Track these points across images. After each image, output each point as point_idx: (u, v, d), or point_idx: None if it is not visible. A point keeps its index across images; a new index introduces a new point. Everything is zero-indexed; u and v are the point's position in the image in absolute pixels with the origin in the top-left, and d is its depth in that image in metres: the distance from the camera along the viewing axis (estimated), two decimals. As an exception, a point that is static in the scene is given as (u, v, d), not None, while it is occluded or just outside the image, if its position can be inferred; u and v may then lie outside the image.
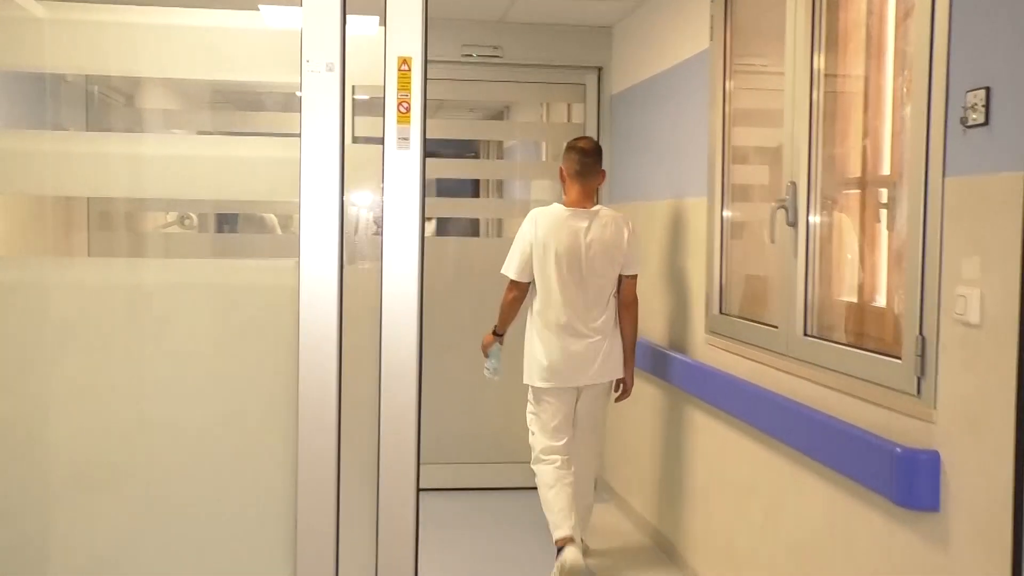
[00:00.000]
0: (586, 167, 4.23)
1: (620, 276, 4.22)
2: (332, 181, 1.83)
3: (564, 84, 5.58)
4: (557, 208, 4.22)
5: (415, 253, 1.84)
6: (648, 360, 4.67)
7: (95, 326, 1.94)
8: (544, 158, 7.45)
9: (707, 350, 4.02)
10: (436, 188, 11.78)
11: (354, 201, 1.89)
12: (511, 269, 4.22)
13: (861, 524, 2.82)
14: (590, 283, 4.15)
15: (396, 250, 1.83)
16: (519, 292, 4.23)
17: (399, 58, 1.80)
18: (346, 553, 1.90)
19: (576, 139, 4.39)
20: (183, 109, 6.91)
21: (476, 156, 10.44)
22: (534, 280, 4.21)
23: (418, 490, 1.87)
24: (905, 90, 2.80)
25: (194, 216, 6.64)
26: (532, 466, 4.30)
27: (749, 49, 3.90)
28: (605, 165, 5.37)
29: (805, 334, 3.24)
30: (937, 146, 2.50)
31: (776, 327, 3.40)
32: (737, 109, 3.93)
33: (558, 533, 4.10)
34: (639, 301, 4.33)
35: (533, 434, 4.32)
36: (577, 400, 4.28)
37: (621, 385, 4.39)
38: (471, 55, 5.36)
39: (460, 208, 7.36)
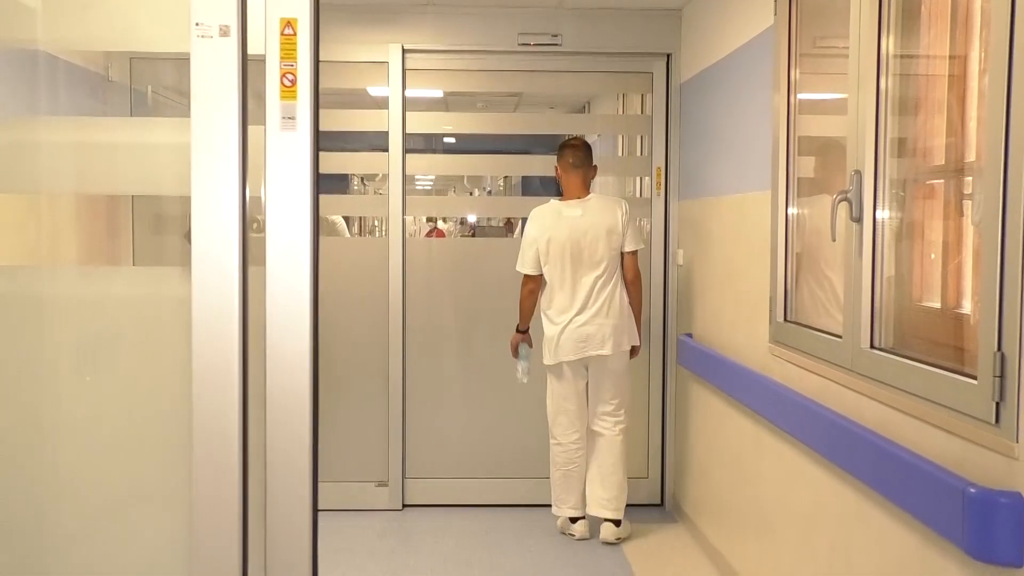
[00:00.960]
0: (579, 159, 4.63)
1: (622, 254, 4.55)
2: (230, 169, 1.50)
3: (630, 73, 5.16)
4: (554, 203, 4.67)
5: (306, 256, 1.50)
6: (711, 368, 4.26)
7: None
8: (620, 152, 7.03)
9: (771, 361, 3.57)
10: (521, 187, 11.51)
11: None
12: (525, 265, 4.62)
13: None
14: (592, 265, 4.49)
15: (282, 253, 1.50)
16: (534, 284, 4.63)
17: (282, 20, 1.47)
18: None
19: (568, 139, 4.85)
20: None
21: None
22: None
23: (315, 524, 1.55)
24: (983, 55, 2.32)
25: (260, 219, 6.48)
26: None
27: (818, 27, 3.43)
28: (673, 158, 5.05)
29: (872, 346, 2.78)
30: (1019, 124, 2.03)
31: (840, 337, 2.94)
32: (804, 94, 3.47)
33: (555, 510, 4.70)
34: (642, 275, 4.70)
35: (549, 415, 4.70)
36: (587, 374, 4.59)
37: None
38: (528, 44, 4.99)
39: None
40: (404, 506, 5.14)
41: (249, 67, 1.54)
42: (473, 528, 4.85)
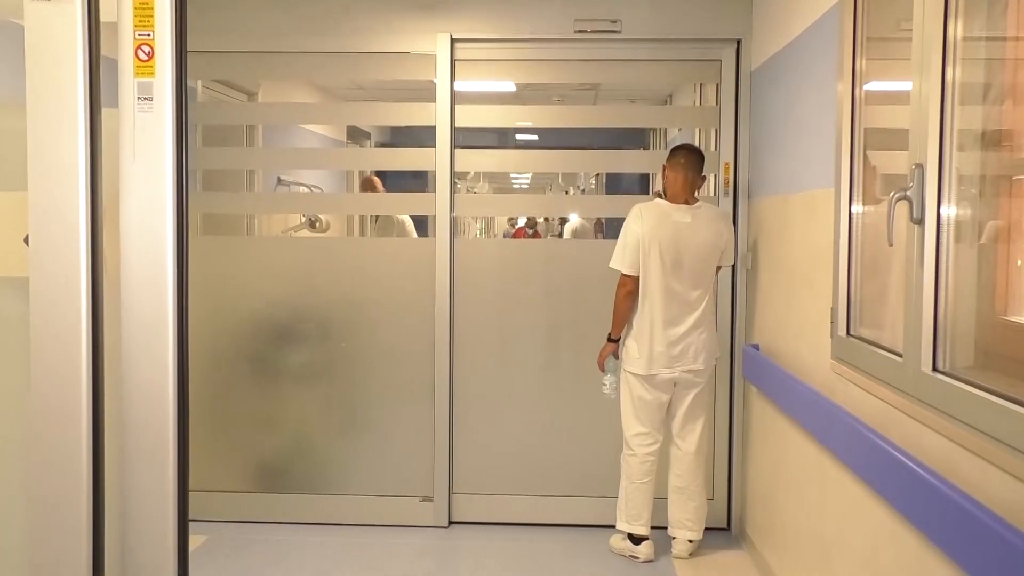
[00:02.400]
0: (692, 163, 4.38)
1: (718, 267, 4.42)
2: (72, 158, 1.26)
3: (697, 61, 4.79)
4: (661, 203, 4.39)
5: (167, 264, 1.26)
6: (774, 384, 3.89)
7: None
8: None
9: (833, 380, 3.20)
10: (606, 186, 11.17)
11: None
12: (624, 263, 4.35)
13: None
14: (692, 275, 4.30)
15: (139, 260, 1.25)
16: (633, 286, 4.35)
17: None
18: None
19: (680, 144, 4.56)
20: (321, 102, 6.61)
21: (646, 148, 9.71)
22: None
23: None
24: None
25: (324, 218, 6.30)
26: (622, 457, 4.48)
27: (897, 7, 3.04)
28: (743, 154, 4.69)
29: (935, 369, 2.39)
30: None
31: (900, 357, 2.56)
32: (876, 82, 3.08)
33: (627, 527, 4.41)
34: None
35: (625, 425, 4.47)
36: (674, 390, 4.39)
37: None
38: (585, 31, 4.68)
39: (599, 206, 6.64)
40: (450, 523, 4.89)
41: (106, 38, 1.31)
42: (521, 549, 4.57)
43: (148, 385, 1.29)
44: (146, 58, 1.25)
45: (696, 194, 4.41)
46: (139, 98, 1.26)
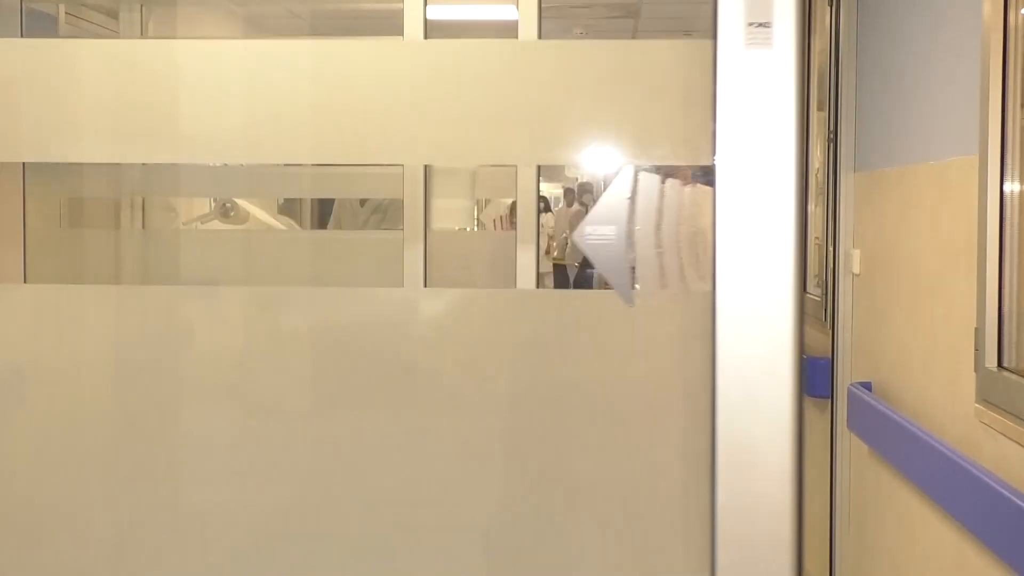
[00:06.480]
0: None
1: None
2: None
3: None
4: None
5: (787, 268, 1.31)
6: (892, 441, 3.89)
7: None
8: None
9: (977, 433, 3.14)
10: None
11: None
12: None
13: None
14: None
15: (741, 263, 1.28)
16: None
17: None
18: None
19: None
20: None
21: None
22: None
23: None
24: None
25: (241, 204, 6.22)
26: None
27: None
28: (847, 107, 4.82)
29: None
30: None
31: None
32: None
33: None
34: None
35: None
36: None
37: None
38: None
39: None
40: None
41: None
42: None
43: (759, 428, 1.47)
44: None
45: None
46: (750, 24, 1.18)
